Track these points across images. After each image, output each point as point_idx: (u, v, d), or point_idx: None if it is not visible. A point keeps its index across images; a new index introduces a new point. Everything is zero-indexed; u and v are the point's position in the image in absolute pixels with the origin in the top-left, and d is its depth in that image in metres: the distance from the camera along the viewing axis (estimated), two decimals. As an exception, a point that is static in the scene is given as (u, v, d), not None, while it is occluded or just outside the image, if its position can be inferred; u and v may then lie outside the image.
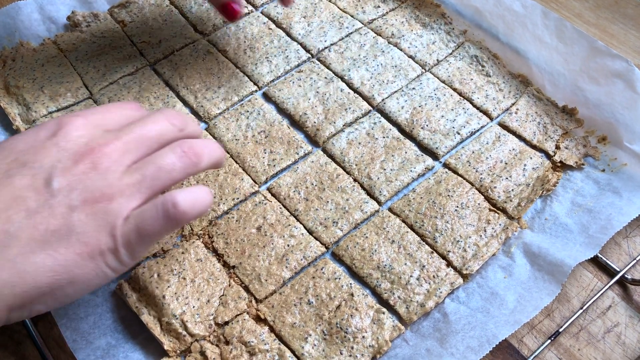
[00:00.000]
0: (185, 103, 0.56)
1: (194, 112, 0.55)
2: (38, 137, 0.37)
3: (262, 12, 0.64)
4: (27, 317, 0.38)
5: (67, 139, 0.36)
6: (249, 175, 0.51)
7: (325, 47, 0.60)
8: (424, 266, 0.45)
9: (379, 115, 0.55)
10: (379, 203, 0.49)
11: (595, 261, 0.47)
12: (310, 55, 0.60)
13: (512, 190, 0.50)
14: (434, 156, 0.52)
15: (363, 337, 0.42)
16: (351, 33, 0.61)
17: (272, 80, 0.58)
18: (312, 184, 0.50)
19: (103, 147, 0.36)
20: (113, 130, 0.38)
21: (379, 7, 0.64)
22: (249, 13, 0.63)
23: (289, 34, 0.61)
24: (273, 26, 0.62)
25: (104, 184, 0.35)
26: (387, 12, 0.64)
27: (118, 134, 0.37)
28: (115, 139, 0.37)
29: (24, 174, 0.35)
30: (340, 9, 0.64)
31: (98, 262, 0.35)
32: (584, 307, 0.45)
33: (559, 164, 0.52)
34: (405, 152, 0.52)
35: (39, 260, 0.33)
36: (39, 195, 0.34)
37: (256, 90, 0.57)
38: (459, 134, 0.53)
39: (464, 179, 0.51)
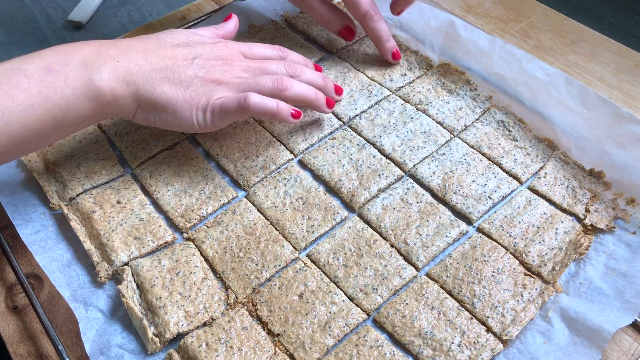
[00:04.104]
0: (225, 172, 0.59)
1: (234, 181, 0.58)
2: (205, 39, 0.57)
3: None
4: (144, 121, 0.54)
5: (219, 48, 0.57)
6: (289, 242, 0.53)
7: (356, 115, 0.63)
8: (464, 332, 0.47)
9: (412, 180, 0.57)
10: (417, 269, 0.51)
11: (634, 325, 0.48)
12: (342, 123, 0.62)
13: (546, 254, 0.51)
14: (468, 221, 0.54)
15: (408, 405, 0.43)
16: (380, 101, 0.64)
17: (307, 148, 0.60)
18: (350, 250, 0.52)
19: (234, 62, 0.56)
20: (248, 58, 0.58)
21: (405, 75, 0.67)
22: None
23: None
24: None
25: (220, 75, 0.54)
26: (413, 80, 0.67)
27: (249, 62, 0.57)
28: (244, 62, 0.57)
29: (185, 49, 0.55)
30: (369, 78, 0.67)
31: (192, 111, 0.53)
32: (625, 373, 0.45)
33: (589, 227, 0.53)
34: (440, 217, 0.54)
35: (167, 88, 0.52)
36: (185, 61, 0.54)
37: (292, 159, 0.60)
38: (490, 198, 0.55)
39: (499, 243, 0.52)
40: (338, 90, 0.63)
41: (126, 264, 0.51)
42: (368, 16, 0.64)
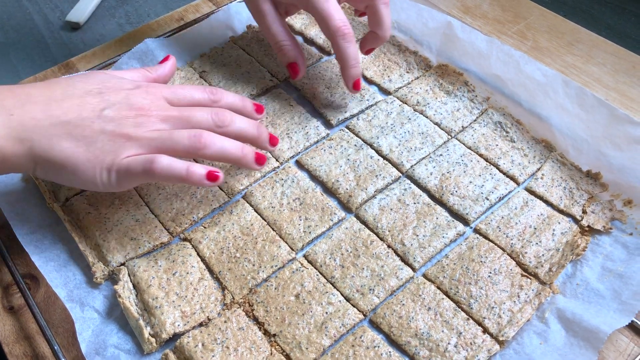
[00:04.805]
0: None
1: (220, 188, 0.57)
2: (124, 84, 0.51)
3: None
4: (47, 178, 0.49)
5: (136, 95, 0.50)
6: (285, 242, 0.53)
7: (346, 118, 0.63)
8: (460, 333, 0.46)
9: (409, 181, 0.57)
10: (414, 269, 0.51)
11: (631, 325, 0.48)
12: (331, 125, 0.63)
13: (543, 255, 0.51)
14: (465, 222, 0.54)
15: (404, 406, 0.43)
16: (374, 104, 0.64)
17: (298, 153, 0.60)
18: (347, 251, 0.52)
19: (152, 111, 0.49)
20: (173, 105, 0.52)
21: (404, 75, 0.67)
22: (274, 86, 0.67)
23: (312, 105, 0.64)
24: (294, 103, 0.65)
25: (131, 129, 0.48)
26: (411, 81, 0.67)
27: (169, 109, 0.51)
28: (164, 110, 0.50)
29: (96, 98, 0.49)
30: (368, 78, 0.67)
31: (96, 171, 0.47)
32: (622, 374, 0.45)
33: (586, 229, 0.53)
34: (437, 218, 0.54)
35: (66, 145, 0.46)
36: (92, 113, 0.47)
37: (278, 167, 0.59)
38: (487, 199, 0.55)
39: (495, 244, 0.52)
40: (273, 141, 0.57)
41: (122, 264, 0.51)
42: (339, 33, 0.57)
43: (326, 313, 0.48)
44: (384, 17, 0.59)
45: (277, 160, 0.59)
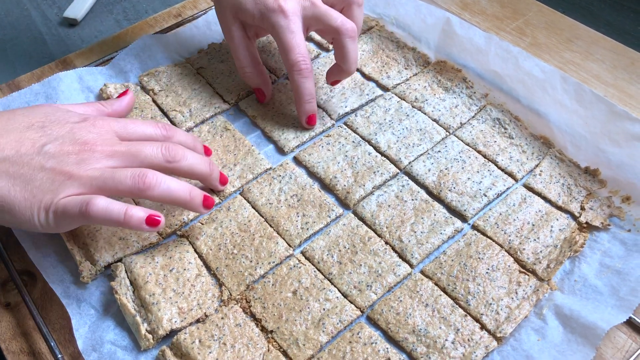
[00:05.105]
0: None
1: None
2: (70, 117, 0.49)
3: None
4: None
5: (81, 129, 0.47)
6: (283, 238, 0.53)
7: (346, 113, 0.63)
8: (458, 329, 0.46)
9: (407, 178, 0.57)
10: (411, 266, 0.51)
11: (629, 321, 0.48)
12: (333, 121, 0.62)
13: (541, 251, 0.51)
14: (463, 218, 0.54)
15: (402, 402, 0.43)
16: (374, 99, 0.64)
17: (298, 146, 0.60)
18: (345, 247, 0.52)
19: (97, 146, 0.46)
20: (123, 139, 0.49)
21: (402, 72, 0.67)
22: (273, 82, 0.66)
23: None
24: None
25: (73, 167, 0.45)
26: (410, 77, 0.66)
27: (116, 144, 0.48)
28: (111, 145, 0.47)
29: (38, 132, 0.46)
30: (366, 75, 0.67)
31: (34, 211, 0.44)
32: (620, 370, 0.45)
33: (584, 225, 0.53)
34: (435, 215, 0.54)
35: (1, 184, 0.44)
36: (31, 149, 0.45)
37: (270, 168, 0.58)
38: (485, 196, 0.55)
39: (493, 241, 0.52)
40: (223, 180, 0.55)
41: (110, 264, 0.51)
42: (296, 68, 0.56)
43: (323, 309, 0.48)
44: (349, 52, 0.57)
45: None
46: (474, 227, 0.53)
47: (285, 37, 0.55)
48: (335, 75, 0.61)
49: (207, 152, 0.57)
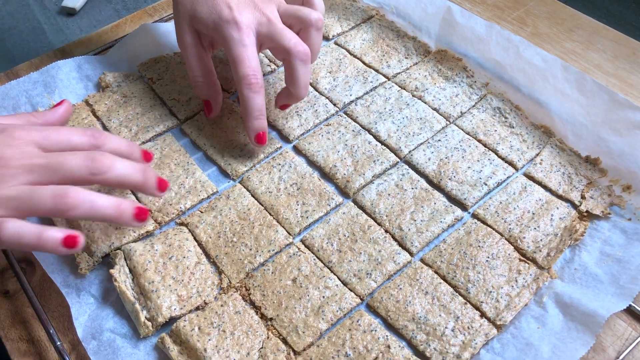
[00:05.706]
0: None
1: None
2: None
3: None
4: None
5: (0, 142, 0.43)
6: (283, 227, 0.52)
7: (351, 101, 0.62)
8: (458, 317, 0.46)
9: (407, 166, 0.57)
10: (411, 254, 0.51)
11: (629, 310, 0.48)
12: (337, 109, 0.62)
13: (541, 240, 0.51)
14: (463, 207, 0.54)
15: (401, 389, 0.43)
16: (376, 87, 0.64)
17: (302, 134, 0.60)
18: (345, 236, 0.52)
19: (14, 161, 0.42)
20: (46, 152, 0.44)
21: (402, 61, 0.66)
22: (272, 71, 0.66)
23: (315, 89, 0.64)
24: None
25: None
26: (410, 66, 0.66)
27: (36, 157, 0.43)
28: (30, 159, 0.43)
29: None
30: (366, 64, 0.66)
31: None
32: (620, 357, 0.45)
33: (585, 214, 0.53)
34: (435, 203, 0.53)
35: None
36: None
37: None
38: (486, 184, 0.55)
39: (494, 229, 0.52)
40: (162, 186, 0.50)
41: (107, 255, 0.50)
42: (245, 82, 0.52)
43: (323, 297, 0.48)
44: (299, 76, 0.54)
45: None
46: (474, 216, 0.53)
47: (236, 49, 0.52)
48: (284, 99, 0.58)
49: (146, 157, 0.52)
